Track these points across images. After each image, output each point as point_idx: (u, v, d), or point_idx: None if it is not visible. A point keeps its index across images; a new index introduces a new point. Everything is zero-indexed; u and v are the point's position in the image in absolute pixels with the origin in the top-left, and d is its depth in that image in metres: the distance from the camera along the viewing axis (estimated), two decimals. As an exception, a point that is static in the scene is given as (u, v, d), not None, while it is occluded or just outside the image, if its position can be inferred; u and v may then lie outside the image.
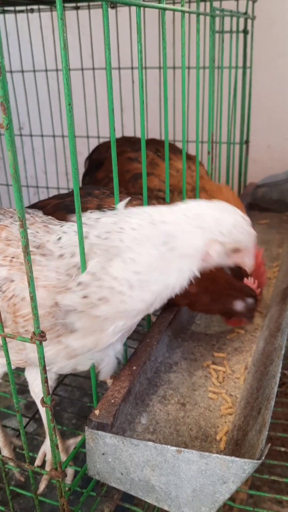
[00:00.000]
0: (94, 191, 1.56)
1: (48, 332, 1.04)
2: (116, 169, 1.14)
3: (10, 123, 0.74)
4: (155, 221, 1.04)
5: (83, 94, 2.70)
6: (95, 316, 1.03)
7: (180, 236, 1.03)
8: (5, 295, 1.05)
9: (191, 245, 1.03)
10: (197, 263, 1.05)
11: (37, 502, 1.12)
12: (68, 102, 0.90)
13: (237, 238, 1.06)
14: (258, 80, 2.64)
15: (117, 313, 1.04)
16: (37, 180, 3.19)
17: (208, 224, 1.04)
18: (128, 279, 1.01)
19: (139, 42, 1.20)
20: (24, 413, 1.66)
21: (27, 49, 2.78)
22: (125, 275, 1.01)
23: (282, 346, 1.29)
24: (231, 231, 1.05)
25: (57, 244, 1.06)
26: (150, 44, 2.50)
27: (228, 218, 1.06)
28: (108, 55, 1.04)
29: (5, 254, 1.08)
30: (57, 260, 1.04)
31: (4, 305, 1.05)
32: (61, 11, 0.86)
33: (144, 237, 1.02)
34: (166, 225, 1.03)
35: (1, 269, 1.06)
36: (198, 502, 1.00)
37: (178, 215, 1.05)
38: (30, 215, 1.21)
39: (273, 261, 2.11)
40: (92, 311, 1.02)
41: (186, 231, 1.03)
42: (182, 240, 1.03)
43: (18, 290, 1.04)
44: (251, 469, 0.93)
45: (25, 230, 0.80)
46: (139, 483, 1.04)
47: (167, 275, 1.04)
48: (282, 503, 1.73)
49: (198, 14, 1.53)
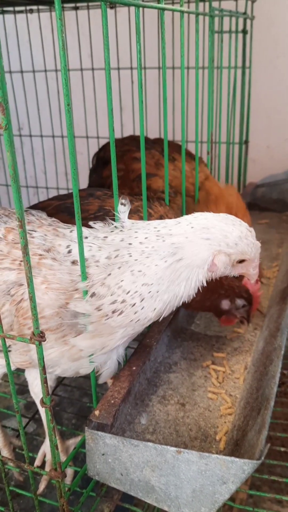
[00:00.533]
0: (96, 192, 1.56)
1: (53, 332, 1.04)
2: (116, 170, 1.14)
3: (9, 123, 0.74)
4: (162, 234, 1.08)
5: (82, 94, 2.70)
6: (108, 324, 1.06)
7: (188, 247, 1.06)
8: (14, 299, 1.05)
9: (199, 256, 1.07)
10: (204, 273, 1.09)
11: (37, 503, 1.12)
12: (67, 102, 0.90)
13: (242, 250, 1.09)
14: (258, 80, 2.64)
15: (129, 322, 1.08)
16: (36, 180, 3.19)
17: (214, 235, 1.07)
18: (139, 291, 1.05)
19: (138, 43, 1.20)
20: (24, 413, 1.65)
21: (26, 49, 2.78)
22: (136, 288, 1.05)
23: (282, 346, 1.29)
24: (237, 243, 1.08)
25: (69, 253, 1.08)
26: (149, 44, 2.50)
27: (234, 230, 1.09)
28: (107, 56, 1.04)
29: (13, 258, 1.08)
30: (71, 265, 1.06)
31: (12, 308, 1.05)
32: (59, 11, 0.86)
33: (151, 250, 1.06)
34: (173, 237, 1.07)
35: (10, 273, 1.06)
36: (197, 503, 1.00)
37: (185, 227, 1.09)
38: (36, 217, 1.21)
39: (272, 261, 2.11)
40: (105, 321, 1.06)
41: (194, 243, 1.07)
42: (189, 251, 1.06)
43: (27, 294, 1.04)
44: (251, 470, 0.93)
45: (24, 230, 0.80)
46: (139, 484, 1.04)
47: (176, 285, 1.08)
48: (282, 503, 1.73)
49: (197, 14, 1.53)
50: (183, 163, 1.67)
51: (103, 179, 1.92)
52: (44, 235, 1.11)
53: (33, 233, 1.11)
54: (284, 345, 1.32)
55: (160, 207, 1.54)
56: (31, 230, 1.12)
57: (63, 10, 0.86)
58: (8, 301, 1.06)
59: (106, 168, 1.95)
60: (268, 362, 1.31)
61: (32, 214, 1.25)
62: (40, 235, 1.11)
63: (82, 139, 2.88)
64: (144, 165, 1.32)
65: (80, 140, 2.87)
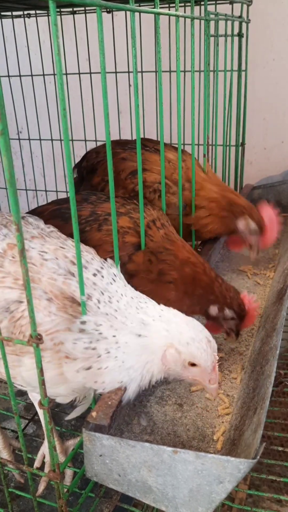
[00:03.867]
0: (90, 197, 1.57)
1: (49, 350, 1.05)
2: (112, 173, 1.15)
3: (5, 128, 0.75)
4: (140, 311, 1.14)
5: (80, 98, 2.71)
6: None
7: (152, 332, 1.12)
8: (13, 315, 1.05)
9: (156, 343, 1.12)
10: (158, 361, 1.13)
11: (36, 504, 1.13)
12: (62, 107, 0.91)
13: (193, 352, 1.12)
14: (254, 82, 2.65)
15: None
16: (35, 183, 3.20)
17: (172, 329, 1.12)
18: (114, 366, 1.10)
19: (133, 47, 1.21)
20: (23, 414, 1.66)
21: (24, 53, 2.79)
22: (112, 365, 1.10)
23: (278, 346, 1.30)
24: (188, 342, 1.12)
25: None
26: (146, 48, 2.52)
27: (190, 331, 1.13)
28: (102, 60, 1.05)
29: (15, 277, 1.08)
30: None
31: (10, 326, 1.05)
32: (54, 17, 0.87)
33: (123, 326, 1.10)
34: (145, 316, 1.13)
35: (11, 291, 1.06)
36: (195, 502, 1.01)
37: (157, 315, 1.15)
38: (39, 230, 1.22)
39: (269, 262, 2.12)
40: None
41: (156, 330, 1.12)
42: (151, 337, 1.12)
43: (27, 312, 1.04)
44: (247, 469, 0.94)
45: (21, 234, 0.81)
46: (137, 484, 1.05)
47: (140, 363, 1.12)
48: (281, 502, 1.73)
49: (193, 18, 1.54)
50: (180, 163, 1.69)
51: (93, 187, 1.94)
52: (56, 258, 1.14)
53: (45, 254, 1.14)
54: (280, 345, 1.33)
55: (153, 211, 1.55)
56: (42, 252, 1.14)
57: (60, 15, 0.88)
58: (6, 318, 1.06)
59: (94, 176, 1.97)
60: (264, 362, 1.32)
61: (28, 222, 1.26)
62: (52, 258, 1.13)
63: (80, 142, 2.90)
64: (141, 166, 1.34)
65: (78, 143, 2.88)
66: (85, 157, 2.12)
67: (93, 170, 2.00)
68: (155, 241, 1.47)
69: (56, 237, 1.22)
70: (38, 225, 1.27)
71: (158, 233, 1.49)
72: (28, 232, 1.20)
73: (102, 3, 0.97)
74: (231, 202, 1.86)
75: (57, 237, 1.22)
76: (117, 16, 2.57)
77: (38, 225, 1.27)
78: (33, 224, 1.26)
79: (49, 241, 1.18)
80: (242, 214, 1.85)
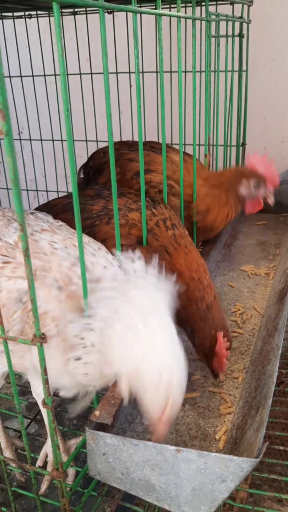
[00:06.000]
0: (104, 192, 1.58)
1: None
2: (114, 172, 1.16)
3: (9, 129, 0.75)
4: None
5: (81, 98, 2.72)
6: None
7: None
8: (25, 306, 1.06)
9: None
10: None
11: (39, 503, 1.14)
12: (66, 108, 0.91)
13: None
14: (254, 83, 2.65)
15: None
16: (36, 183, 3.21)
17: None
18: None
19: (135, 48, 1.22)
20: (26, 414, 1.67)
21: (25, 54, 2.80)
22: None
23: (279, 346, 1.30)
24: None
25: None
26: (147, 48, 2.52)
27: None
28: (105, 62, 1.06)
29: None
30: None
31: (24, 315, 1.07)
32: (58, 18, 0.87)
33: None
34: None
35: (23, 281, 1.07)
36: (197, 501, 1.01)
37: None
38: (48, 224, 1.23)
39: (270, 262, 2.13)
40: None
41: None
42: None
43: (39, 302, 1.04)
44: (249, 468, 0.94)
45: (25, 234, 0.82)
46: (140, 483, 1.06)
47: None
48: (282, 502, 1.74)
49: (194, 19, 1.55)
50: (181, 164, 1.69)
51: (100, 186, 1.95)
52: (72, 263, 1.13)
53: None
54: (282, 344, 1.34)
55: (165, 210, 1.55)
56: (52, 241, 1.15)
57: (61, 16, 0.88)
58: (20, 309, 1.07)
59: (101, 176, 1.97)
60: (266, 361, 1.33)
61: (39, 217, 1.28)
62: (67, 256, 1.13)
63: (81, 143, 2.90)
64: (143, 166, 1.34)
65: (79, 143, 2.89)
66: (92, 156, 2.13)
67: (99, 170, 2.01)
68: (160, 241, 1.46)
69: (65, 230, 1.24)
70: (48, 219, 1.29)
71: (166, 233, 1.47)
72: (39, 225, 1.23)
73: (105, 5, 0.98)
74: (221, 185, 1.87)
75: (66, 230, 1.25)
76: (117, 17, 2.58)
77: (47, 219, 1.29)
78: (43, 219, 1.29)
79: (59, 233, 1.20)
80: (236, 183, 1.87)
